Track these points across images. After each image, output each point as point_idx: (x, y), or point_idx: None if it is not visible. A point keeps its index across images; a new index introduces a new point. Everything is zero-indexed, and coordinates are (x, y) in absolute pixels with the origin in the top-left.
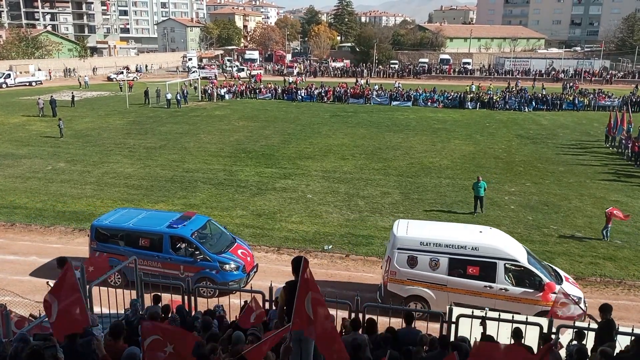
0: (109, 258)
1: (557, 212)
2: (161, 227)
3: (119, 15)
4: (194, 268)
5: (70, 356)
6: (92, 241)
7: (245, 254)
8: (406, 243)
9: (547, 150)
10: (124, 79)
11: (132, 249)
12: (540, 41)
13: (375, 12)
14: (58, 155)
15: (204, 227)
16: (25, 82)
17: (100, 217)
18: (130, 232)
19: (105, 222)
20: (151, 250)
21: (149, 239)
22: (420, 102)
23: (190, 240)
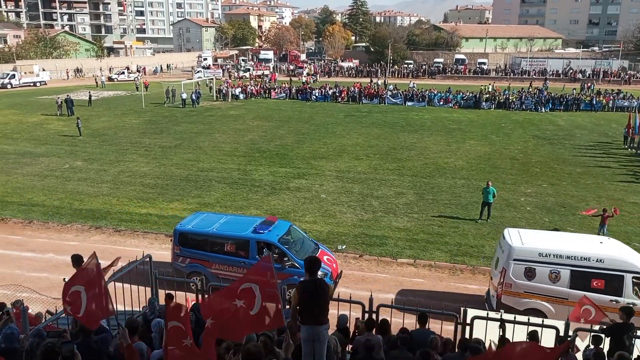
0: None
1: (574, 214)
2: (246, 232)
3: (135, 16)
4: (281, 275)
5: (85, 353)
6: (176, 246)
7: (331, 260)
8: (523, 254)
9: (564, 151)
10: (125, 79)
11: (216, 254)
12: (558, 41)
13: (390, 12)
14: (75, 153)
15: (287, 232)
16: (30, 83)
17: (182, 222)
18: (215, 237)
19: (189, 226)
20: (236, 256)
21: (235, 244)
22: (435, 102)
23: (277, 246)
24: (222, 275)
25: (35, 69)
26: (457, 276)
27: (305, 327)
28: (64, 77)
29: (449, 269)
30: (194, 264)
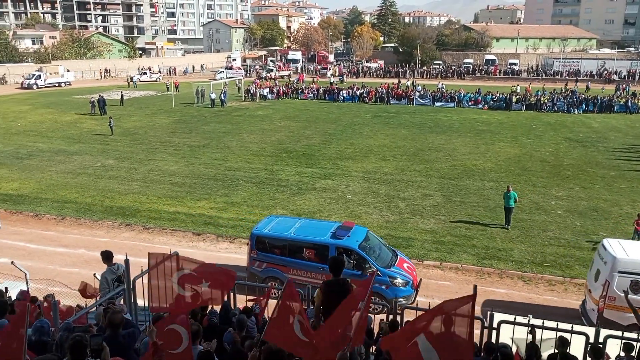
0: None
1: (607, 219)
2: (325, 237)
3: (167, 17)
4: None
5: (113, 347)
6: (252, 250)
7: (411, 268)
8: (630, 266)
9: (597, 154)
10: (147, 80)
11: (295, 259)
12: (592, 41)
13: (420, 12)
14: (107, 152)
15: (366, 238)
16: (55, 83)
17: (258, 226)
18: (293, 242)
19: (266, 230)
20: (315, 261)
21: (314, 250)
22: (464, 104)
23: (358, 252)
24: (298, 281)
25: (60, 70)
26: (484, 279)
27: None
28: (97, 77)
29: (476, 272)
30: (270, 268)
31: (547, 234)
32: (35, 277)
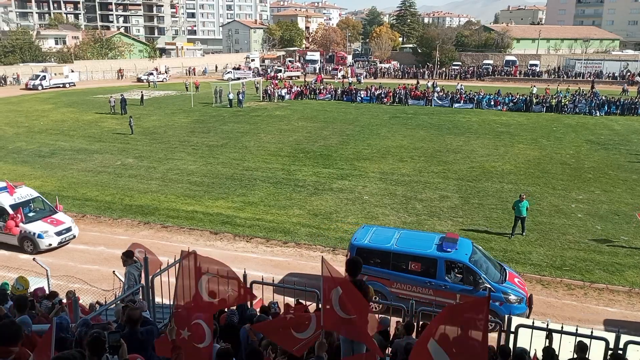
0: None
1: (629, 223)
2: (432, 250)
3: (187, 18)
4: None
5: (131, 343)
6: None
7: (522, 283)
8: None
9: (619, 156)
10: (154, 80)
11: (399, 273)
12: (615, 42)
13: (439, 13)
14: (127, 151)
15: (473, 251)
16: (60, 84)
17: (356, 236)
18: (398, 255)
19: (366, 242)
20: (422, 275)
21: (420, 262)
22: (483, 105)
23: (469, 266)
24: (402, 295)
25: (65, 70)
26: None
27: None
28: (114, 77)
29: None
30: (371, 281)
31: (567, 238)
32: (56, 273)
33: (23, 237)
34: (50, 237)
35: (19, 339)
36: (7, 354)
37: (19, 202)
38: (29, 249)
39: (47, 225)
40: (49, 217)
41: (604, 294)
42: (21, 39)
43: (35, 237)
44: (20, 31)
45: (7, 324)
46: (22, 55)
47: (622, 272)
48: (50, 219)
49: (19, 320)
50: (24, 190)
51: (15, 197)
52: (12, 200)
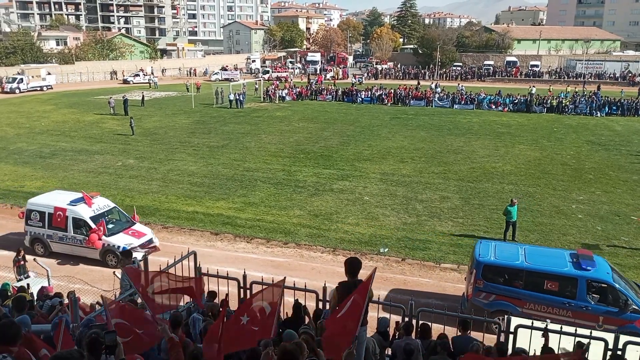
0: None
1: (630, 223)
2: (569, 268)
3: (188, 19)
4: (618, 320)
5: None
6: (479, 280)
7: None
8: None
9: (620, 157)
10: (140, 82)
11: (532, 292)
12: (616, 43)
13: (440, 14)
14: (128, 152)
15: (612, 269)
16: (37, 87)
17: (480, 253)
18: (531, 273)
19: (492, 258)
20: (559, 295)
21: (557, 282)
22: (484, 106)
23: (614, 287)
24: (536, 317)
25: (42, 73)
26: None
27: None
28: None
29: None
30: (500, 301)
31: (567, 238)
32: (57, 274)
33: (106, 250)
34: (134, 251)
35: (18, 339)
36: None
37: (99, 214)
38: (111, 262)
39: (130, 237)
40: (129, 228)
41: None
42: (22, 40)
43: (119, 251)
44: (21, 32)
45: (6, 324)
46: (23, 57)
47: (623, 273)
48: (131, 231)
49: (18, 320)
50: (101, 200)
51: (94, 209)
52: (91, 212)
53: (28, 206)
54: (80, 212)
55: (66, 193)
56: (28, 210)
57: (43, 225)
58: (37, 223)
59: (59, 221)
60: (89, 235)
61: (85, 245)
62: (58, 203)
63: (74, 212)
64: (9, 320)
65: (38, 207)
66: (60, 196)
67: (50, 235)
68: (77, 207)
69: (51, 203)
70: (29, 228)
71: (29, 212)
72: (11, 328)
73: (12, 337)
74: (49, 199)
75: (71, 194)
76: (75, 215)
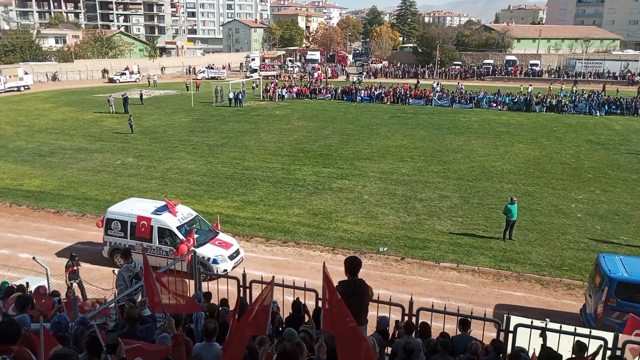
0: None
1: (629, 223)
2: None
3: (187, 17)
4: None
5: None
6: (612, 299)
7: None
8: None
9: (619, 156)
10: (127, 81)
11: None
12: (615, 42)
13: (440, 12)
14: (127, 150)
15: None
16: (14, 87)
17: (610, 268)
18: None
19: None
20: None
21: None
22: (483, 105)
23: None
24: None
25: (20, 73)
26: (501, 282)
27: None
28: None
29: (493, 274)
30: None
31: (567, 237)
32: (56, 272)
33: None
34: (225, 262)
35: (18, 338)
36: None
37: (184, 223)
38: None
39: (219, 248)
40: (215, 238)
41: None
42: (21, 38)
43: (210, 263)
44: (20, 30)
45: (7, 323)
46: (22, 55)
47: None
48: (217, 241)
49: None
50: (184, 209)
51: (179, 218)
52: (176, 221)
53: (108, 215)
54: (166, 222)
55: (145, 201)
56: (108, 220)
57: (125, 236)
58: (117, 233)
59: (142, 231)
60: (179, 247)
61: (174, 256)
62: (141, 212)
63: (159, 221)
64: (9, 319)
65: (119, 216)
66: (141, 204)
67: (133, 246)
68: (162, 216)
69: (134, 212)
70: (109, 238)
71: (108, 222)
72: (11, 327)
73: (12, 336)
74: (129, 207)
75: (152, 202)
76: (161, 225)
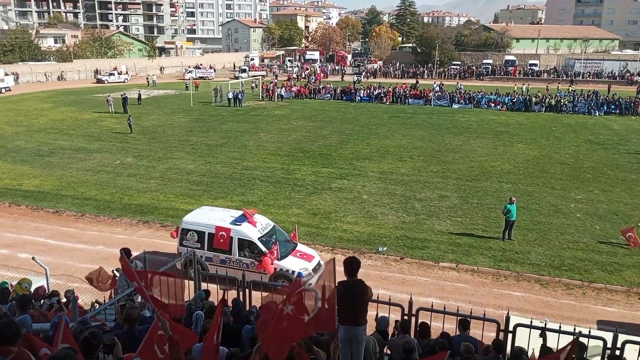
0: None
1: (628, 223)
2: None
3: (186, 17)
4: None
5: (130, 342)
6: None
7: None
8: None
9: (618, 156)
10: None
11: None
12: (614, 42)
13: (439, 12)
14: (126, 150)
15: None
16: None
17: None
18: None
19: None
20: None
21: None
22: (482, 105)
23: None
24: None
25: (0, 73)
26: (500, 282)
27: (343, 327)
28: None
29: (493, 274)
30: None
31: (566, 237)
32: (55, 272)
33: (277, 275)
34: (310, 276)
35: (18, 339)
36: (6, 353)
37: (264, 234)
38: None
39: (302, 261)
40: (295, 250)
41: (603, 294)
42: (20, 38)
43: (294, 277)
44: (19, 30)
45: (6, 323)
46: (21, 54)
47: (621, 272)
48: (299, 253)
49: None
50: (261, 219)
51: (259, 229)
52: (257, 232)
53: (183, 225)
54: (247, 233)
55: (218, 210)
56: (184, 230)
57: (202, 247)
58: (194, 244)
59: (221, 242)
60: (262, 259)
61: (256, 269)
62: (219, 222)
63: (239, 232)
64: (8, 320)
65: (196, 226)
66: (216, 213)
67: (210, 258)
68: (242, 226)
69: (211, 222)
70: (184, 249)
71: (184, 232)
72: (10, 327)
73: (11, 337)
74: (206, 217)
75: (226, 211)
76: (242, 236)
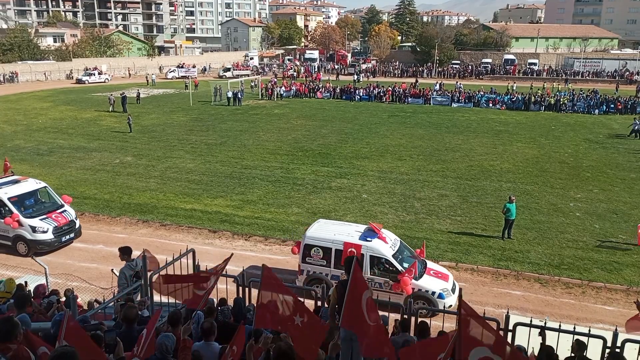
0: None
1: (627, 222)
2: None
3: (186, 16)
4: None
5: (128, 341)
6: None
7: None
8: None
9: (617, 155)
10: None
11: None
12: (614, 41)
13: (438, 12)
14: (125, 149)
15: None
16: None
17: None
18: None
19: None
20: None
21: None
22: (482, 104)
23: None
24: None
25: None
26: (500, 281)
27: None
28: (123, 75)
29: (492, 273)
30: None
31: (565, 236)
32: (55, 271)
33: (417, 296)
34: (450, 297)
35: (15, 336)
36: (5, 351)
37: (396, 251)
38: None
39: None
40: (428, 268)
41: (602, 293)
42: (19, 37)
43: (435, 298)
44: (18, 29)
45: (2, 321)
46: (20, 53)
47: (620, 271)
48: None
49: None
50: (389, 234)
51: (390, 245)
52: (389, 249)
53: (306, 240)
54: (380, 250)
55: (338, 223)
56: (307, 246)
57: (327, 264)
58: (319, 261)
59: None
60: (401, 279)
61: (392, 290)
62: (347, 238)
63: (371, 249)
64: (5, 317)
65: (321, 242)
66: (341, 227)
67: (337, 276)
68: (374, 243)
69: (338, 238)
70: (307, 266)
71: (307, 248)
72: (5, 324)
73: (6, 334)
74: (331, 231)
75: (351, 226)
76: (374, 253)
